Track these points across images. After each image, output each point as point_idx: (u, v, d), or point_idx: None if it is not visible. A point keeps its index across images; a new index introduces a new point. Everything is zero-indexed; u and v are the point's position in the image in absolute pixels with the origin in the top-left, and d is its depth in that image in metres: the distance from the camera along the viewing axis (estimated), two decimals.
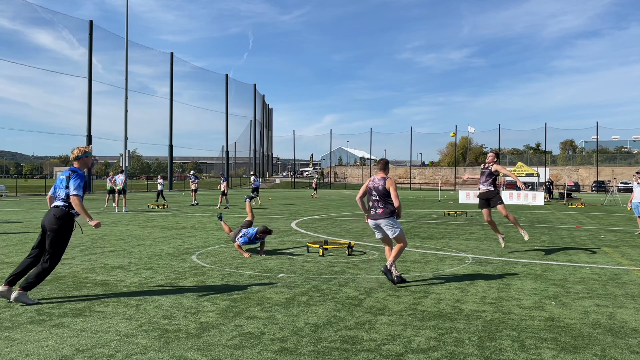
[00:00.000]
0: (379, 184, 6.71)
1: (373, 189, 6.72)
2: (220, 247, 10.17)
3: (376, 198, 6.67)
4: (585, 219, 18.66)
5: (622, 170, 66.32)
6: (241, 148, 79.06)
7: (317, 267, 7.90)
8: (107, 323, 4.82)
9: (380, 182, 6.71)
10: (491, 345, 4.33)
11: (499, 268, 8.03)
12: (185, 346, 4.21)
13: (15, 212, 19.93)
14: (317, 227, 14.63)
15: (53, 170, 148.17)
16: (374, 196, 6.69)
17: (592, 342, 4.44)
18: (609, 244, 11.23)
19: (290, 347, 4.22)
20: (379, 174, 6.86)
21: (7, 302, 5.56)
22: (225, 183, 23.66)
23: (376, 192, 6.68)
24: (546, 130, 67.30)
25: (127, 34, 44.17)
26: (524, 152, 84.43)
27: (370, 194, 6.78)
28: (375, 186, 6.72)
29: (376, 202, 6.67)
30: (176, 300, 5.75)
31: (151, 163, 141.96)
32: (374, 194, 6.70)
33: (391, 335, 4.57)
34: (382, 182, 6.71)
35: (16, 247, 9.90)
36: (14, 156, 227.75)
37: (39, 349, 4.09)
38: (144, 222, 15.50)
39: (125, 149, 43.35)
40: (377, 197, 6.67)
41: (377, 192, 6.67)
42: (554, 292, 6.37)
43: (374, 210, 6.69)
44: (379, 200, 6.66)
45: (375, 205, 6.67)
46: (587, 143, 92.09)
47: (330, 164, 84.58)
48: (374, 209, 6.70)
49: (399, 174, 78.00)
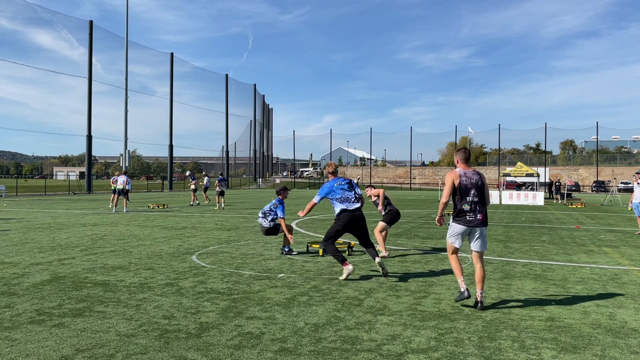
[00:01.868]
0: (478, 180, 5.57)
1: (472, 187, 5.52)
2: (220, 247, 10.17)
3: (475, 199, 5.51)
4: (585, 219, 18.66)
5: (622, 170, 66.32)
6: (241, 148, 79.11)
7: (317, 267, 7.90)
8: (107, 323, 4.82)
9: (478, 178, 5.59)
10: (491, 345, 4.33)
11: (499, 268, 8.02)
12: (185, 346, 4.21)
13: (15, 212, 19.93)
14: (317, 227, 14.63)
15: (53, 170, 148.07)
16: (472, 196, 5.50)
17: (592, 342, 4.44)
18: (609, 244, 11.22)
19: (290, 347, 4.22)
20: (463, 165, 5.67)
21: (7, 302, 5.56)
22: (194, 182, 26.63)
23: (476, 190, 5.52)
24: (546, 130, 67.36)
25: (127, 34, 44.21)
26: (524, 152, 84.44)
27: (464, 194, 5.51)
28: (474, 182, 5.54)
29: (474, 205, 5.50)
30: (176, 300, 5.75)
31: (151, 163, 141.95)
32: (471, 194, 5.51)
33: (391, 335, 4.57)
34: (478, 177, 5.61)
35: (16, 247, 9.90)
36: (14, 156, 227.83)
37: (39, 349, 4.09)
38: (144, 222, 15.50)
39: (125, 149, 43.37)
40: (476, 197, 5.51)
41: (478, 190, 5.53)
42: (554, 292, 6.37)
43: (473, 215, 5.50)
44: (478, 202, 5.52)
45: (475, 209, 5.50)
46: (587, 143, 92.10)
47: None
48: (472, 214, 5.50)
49: (399, 174, 77.98)
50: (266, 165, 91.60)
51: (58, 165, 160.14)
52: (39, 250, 9.43)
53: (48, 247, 9.85)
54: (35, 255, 8.83)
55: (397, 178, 78.65)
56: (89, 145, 42.81)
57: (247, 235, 12.19)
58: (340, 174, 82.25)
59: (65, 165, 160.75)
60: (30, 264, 8.01)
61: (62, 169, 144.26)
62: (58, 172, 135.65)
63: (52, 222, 15.46)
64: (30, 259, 8.50)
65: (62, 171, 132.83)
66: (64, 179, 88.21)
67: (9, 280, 6.71)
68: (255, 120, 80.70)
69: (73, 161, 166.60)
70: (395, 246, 10.43)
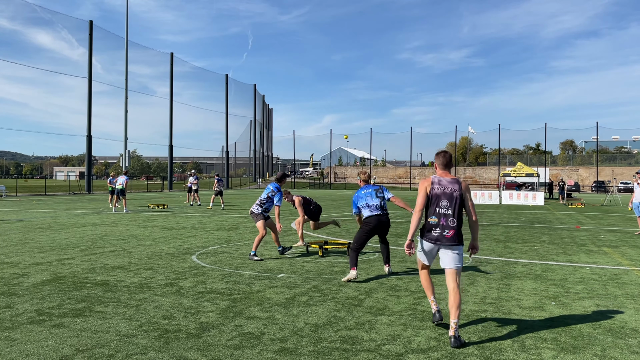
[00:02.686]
0: (454, 191, 4.67)
1: (444, 197, 4.65)
2: (220, 247, 10.17)
3: (447, 212, 4.62)
4: (585, 219, 18.66)
5: (622, 171, 66.32)
6: (241, 148, 79.07)
7: (317, 267, 7.90)
8: (107, 323, 4.82)
9: (456, 188, 4.68)
10: (491, 345, 4.33)
11: (499, 268, 8.03)
12: (185, 346, 4.21)
13: (15, 212, 19.93)
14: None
15: (53, 170, 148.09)
16: (442, 208, 4.64)
17: (592, 342, 4.44)
18: (609, 244, 11.23)
19: (290, 347, 4.22)
20: (442, 172, 4.82)
21: (7, 302, 5.56)
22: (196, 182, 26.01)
23: (449, 201, 4.64)
24: (546, 130, 67.31)
25: (127, 34, 44.20)
26: (524, 152, 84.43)
27: (433, 205, 4.68)
28: (448, 192, 4.66)
29: (444, 219, 4.62)
30: (176, 300, 5.75)
31: (151, 163, 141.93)
32: (442, 205, 4.65)
33: (391, 335, 4.57)
34: (457, 187, 4.68)
35: (16, 247, 9.90)
36: (14, 156, 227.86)
37: (39, 349, 4.09)
38: (144, 222, 15.50)
39: (125, 149, 43.36)
40: (448, 209, 4.63)
41: (451, 201, 4.64)
42: (554, 292, 6.37)
43: (440, 230, 4.61)
44: (450, 216, 4.61)
45: (444, 224, 4.61)
46: (587, 143, 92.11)
47: (330, 164, 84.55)
48: (439, 229, 4.62)
49: (399, 174, 77.98)
50: (266, 166, 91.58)
51: (58, 165, 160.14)
52: (39, 250, 9.43)
53: (48, 247, 9.85)
54: (35, 255, 8.83)
55: (397, 178, 78.61)
56: (89, 145, 42.82)
57: (247, 235, 12.19)
58: (340, 174, 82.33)
59: (65, 165, 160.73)
60: (30, 264, 8.01)
61: (62, 169, 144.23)
62: (58, 172, 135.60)
63: (52, 222, 15.46)
64: (30, 259, 8.50)
65: (62, 171, 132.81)
66: (64, 179, 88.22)
67: (9, 280, 6.71)
68: (255, 120, 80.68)
69: (73, 161, 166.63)
70: (395, 246, 10.43)
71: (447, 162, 4.83)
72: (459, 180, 4.74)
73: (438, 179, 4.74)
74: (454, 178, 4.75)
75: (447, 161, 4.82)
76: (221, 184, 24.73)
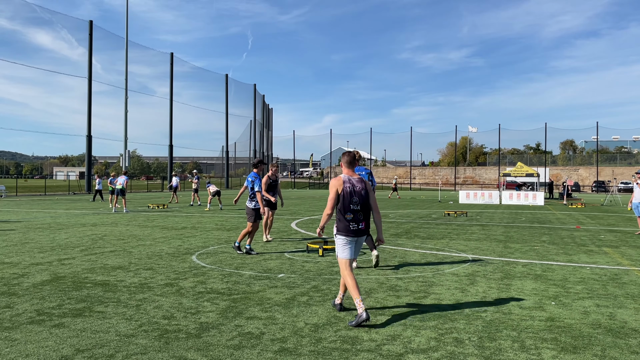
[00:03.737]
0: (362, 189, 5.23)
1: (355, 194, 5.18)
2: (220, 247, 10.17)
3: (357, 208, 5.16)
4: (585, 219, 18.66)
5: (622, 171, 66.32)
6: (241, 148, 79.01)
7: (317, 267, 7.90)
8: (107, 323, 4.82)
9: (362, 186, 5.25)
10: (491, 345, 4.33)
11: (499, 268, 8.03)
12: (185, 346, 4.21)
13: (15, 212, 19.93)
14: (316, 227, 14.62)
15: (53, 170, 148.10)
16: (354, 205, 5.15)
17: (592, 342, 4.44)
18: (609, 244, 11.23)
19: (290, 347, 4.22)
20: (347, 171, 5.30)
21: (7, 302, 5.56)
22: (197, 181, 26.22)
23: (359, 198, 5.19)
24: (546, 130, 67.30)
25: (127, 34, 44.21)
26: (524, 152, 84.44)
27: (347, 202, 5.15)
28: (357, 190, 5.20)
29: (356, 214, 5.16)
30: (176, 300, 5.75)
31: (151, 163, 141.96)
32: (354, 201, 5.16)
33: (391, 335, 4.57)
34: (363, 185, 5.26)
35: (16, 247, 9.90)
36: (14, 156, 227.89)
37: (39, 349, 4.09)
38: (144, 223, 15.50)
39: (125, 149, 43.36)
40: (357, 205, 5.17)
41: (360, 198, 5.20)
42: (554, 292, 6.37)
43: (355, 224, 5.14)
44: (360, 211, 5.18)
45: (358, 218, 5.16)
46: (587, 143, 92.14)
47: (330, 164, 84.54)
48: (354, 223, 5.14)
49: (399, 174, 77.97)
50: (266, 166, 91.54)
51: (58, 165, 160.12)
52: (39, 250, 9.43)
53: (48, 247, 9.85)
54: (35, 255, 8.83)
55: (397, 178, 78.67)
56: (89, 145, 42.82)
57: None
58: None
59: (65, 165, 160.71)
60: (30, 264, 8.01)
61: (62, 169, 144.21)
62: (58, 172, 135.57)
63: (52, 222, 15.46)
64: (30, 259, 8.50)
65: (62, 171, 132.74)
66: (64, 179, 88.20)
67: (9, 280, 6.71)
68: (255, 121, 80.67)
69: (73, 161, 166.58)
70: (395, 246, 10.43)
71: (351, 160, 5.31)
72: (364, 180, 5.32)
73: (348, 178, 5.24)
74: (360, 178, 5.32)
75: (351, 160, 5.31)
76: (198, 183, 26.21)
